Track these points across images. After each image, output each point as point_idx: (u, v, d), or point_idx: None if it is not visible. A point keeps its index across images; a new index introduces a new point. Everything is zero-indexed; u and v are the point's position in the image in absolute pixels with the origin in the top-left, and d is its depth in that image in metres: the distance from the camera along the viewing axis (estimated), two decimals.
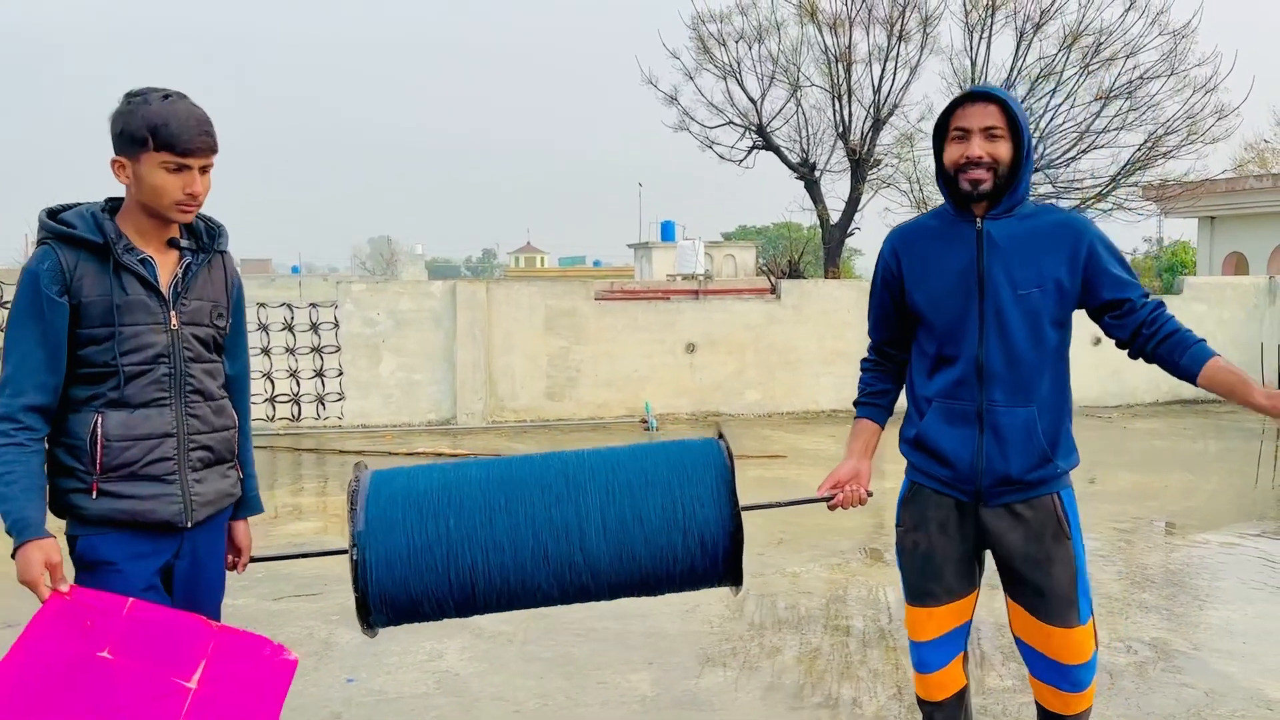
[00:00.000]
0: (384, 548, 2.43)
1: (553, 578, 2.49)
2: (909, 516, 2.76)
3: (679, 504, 2.51)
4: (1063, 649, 2.60)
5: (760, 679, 4.10)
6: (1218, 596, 5.20)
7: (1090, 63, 17.76)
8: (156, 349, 2.35)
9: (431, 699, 3.92)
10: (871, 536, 6.39)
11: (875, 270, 2.81)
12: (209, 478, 2.45)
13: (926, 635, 2.72)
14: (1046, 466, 2.57)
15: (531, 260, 75.36)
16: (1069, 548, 2.60)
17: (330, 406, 10.91)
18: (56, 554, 2.21)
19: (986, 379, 2.57)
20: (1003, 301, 2.55)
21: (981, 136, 2.52)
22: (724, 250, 34.14)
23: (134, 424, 2.32)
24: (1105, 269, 2.57)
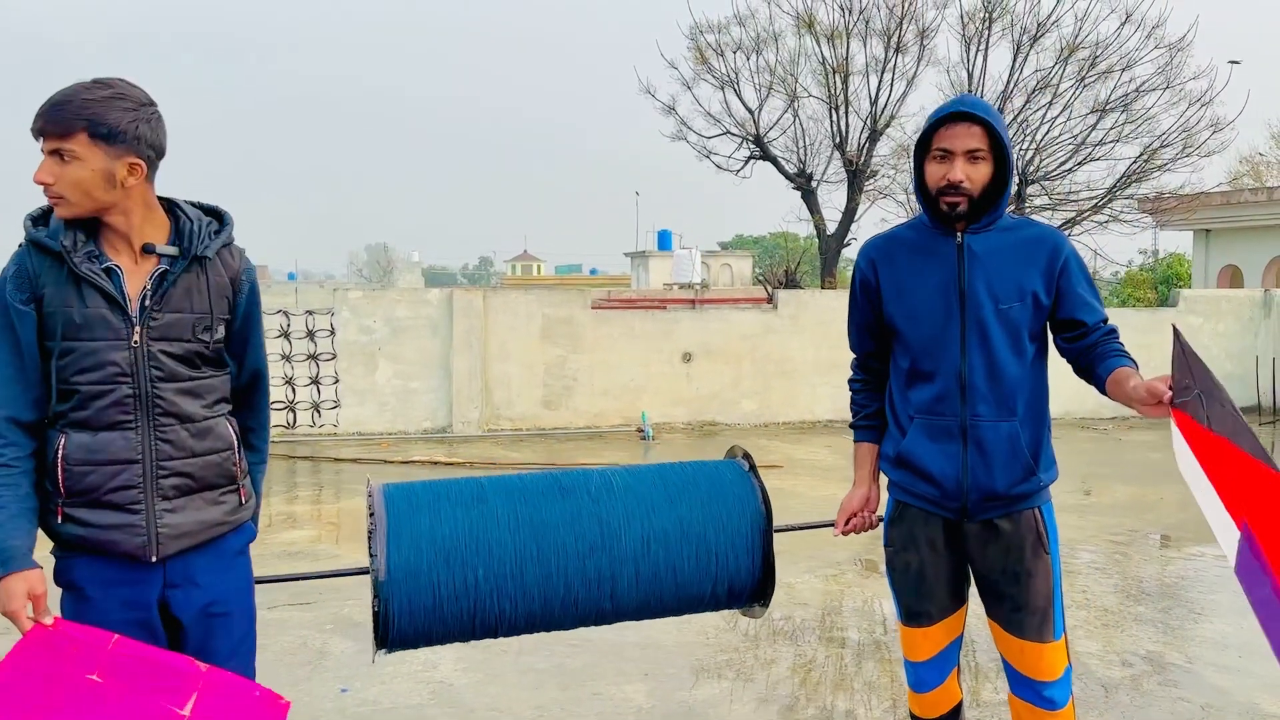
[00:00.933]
0: (408, 598, 2.33)
1: (576, 619, 2.47)
2: (898, 536, 2.70)
3: (714, 555, 2.48)
4: (1037, 665, 2.58)
5: (755, 690, 4.09)
6: (1213, 610, 5.20)
7: (1086, 75, 17.84)
8: (116, 368, 2.13)
9: (426, 710, 3.90)
10: (867, 548, 6.38)
11: (853, 282, 2.76)
12: (187, 507, 2.22)
13: (923, 655, 2.69)
14: (1030, 480, 2.54)
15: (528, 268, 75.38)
16: (1047, 562, 2.57)
17: (326, 414, 10.90)
18: (41, 585, 2.08)
19: (969, 394, 2.53)
20: (985, 315, 2.52)
21: (964, 159, 2.49)
22: (720, 259, 34.18)
23: (95, 448, 2.14)
24: (1074, 288, 2.56)
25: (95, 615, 2.15)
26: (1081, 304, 2.56)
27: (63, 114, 2.07)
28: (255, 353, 2.40)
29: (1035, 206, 19.05)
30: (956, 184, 2.48)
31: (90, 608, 2.16)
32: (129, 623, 2.17)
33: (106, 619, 2.15)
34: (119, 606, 2.17)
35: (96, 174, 2.10)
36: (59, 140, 2.07)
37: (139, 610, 2.19)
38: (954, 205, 2.50)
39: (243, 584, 2.36)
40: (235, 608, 2.32)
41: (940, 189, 2.50)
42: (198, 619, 2.25)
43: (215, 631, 2.27)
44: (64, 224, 2.14)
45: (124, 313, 2.14)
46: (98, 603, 2.17)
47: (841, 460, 9.69)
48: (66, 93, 2.09)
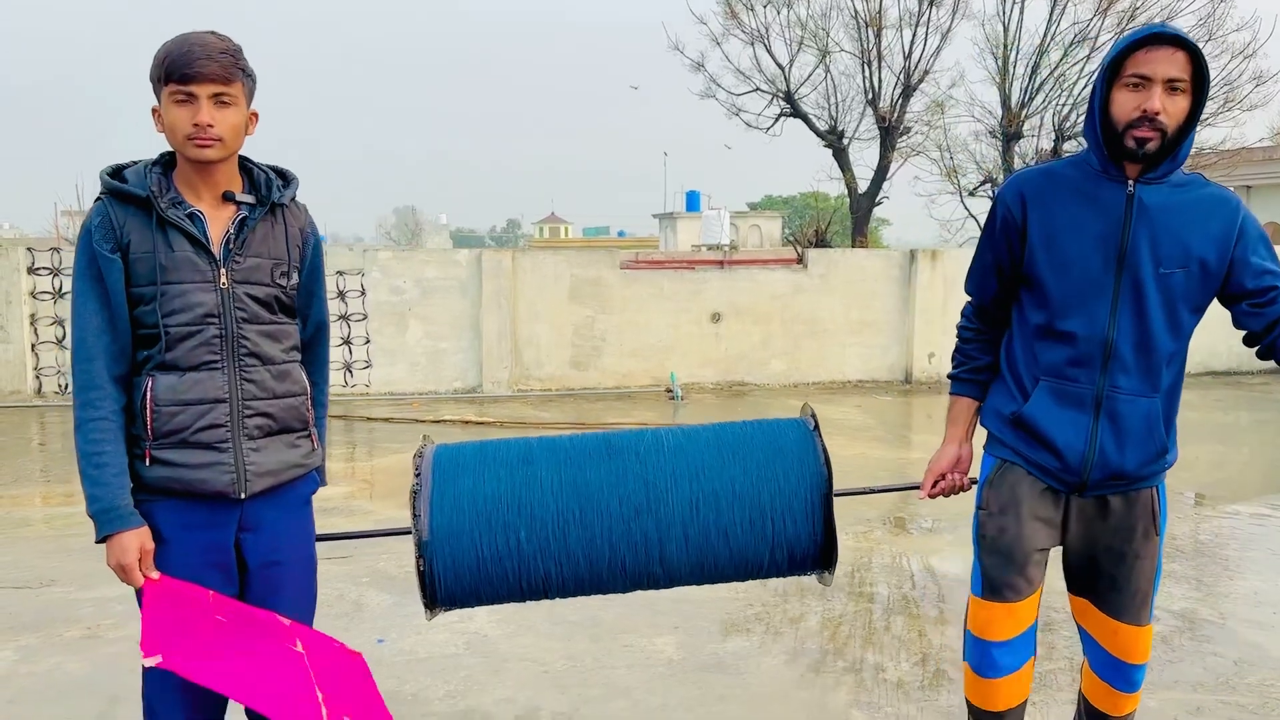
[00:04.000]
0: (451, 558, 2.34)
1: (628, 583, 2.41)
2: (995, 499, 2.47)
3: (768, 518, 2.36)
4: (1130, 647, 2.46)
5: (784, 644, 4.13)
6: (1247, 567, 5.17)
7: (1125, 28, 17.44)
8: (204, 308, 2.20)
9: (461, 659, 3.97)
10: (897, 506, 6.39)
11: (992, 217, 2.48)
12: (269, 447, 2.30)
13: (1003, 635, 2.45)
14: (1160, 460, 2.37)
15: (556, 231, 75.23)
16: (1155, 544, 2.43)
17: (358, 374, 11.00)
18: (150, 541, 2.18)
19: (1112, 362, 2.31)
20: (1143, 278, 2.29)
21: (1164, 89, 2.19)
22: (749, 220, 33.97)
23: (183, 388, 2.20)
24: (1251, 255, 2.32)
25: (176, 559, 2.22)
26: (1263, 270, 2.32)
27: (227, 61, 2.17)
28: (319, 305, 2.49)
29: None
30: (1154, 115, 2.19)
31: (170, 552, 2.22)
32: (208, 565, 2.24)
33: (187, 562, 2.22)
34: (199, 550, 2.24)
35: (243, 120, 2.22)
36: (223, 85, 2.16)
37: (218, 553, 2.26)
38: (1144, 141, 2.22)
39: (306, 533, 2.44)
40: (299, 555, 2.40)
41: (1131, 121, 2.22)
42: (265, 564, 2.32)
43: (280, 577, 2.35)
44: (144, 172, 2.20)
45: (210, 256, 2.21)
46: (177, 546, 2.22)
47: (871, 420, 9.69)
48: (216, 42, 2.17)
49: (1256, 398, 11.29)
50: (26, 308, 10.56)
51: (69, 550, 5.43)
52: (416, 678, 3.80)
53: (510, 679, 3.79)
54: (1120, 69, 2.23)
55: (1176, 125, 2.23)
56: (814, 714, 3.48)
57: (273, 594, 2.32)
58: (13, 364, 10.56)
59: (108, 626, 4.30)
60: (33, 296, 10.60)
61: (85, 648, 4.09)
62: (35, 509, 6.67)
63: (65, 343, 10.67)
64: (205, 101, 2.14)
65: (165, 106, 2.16)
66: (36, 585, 4.87)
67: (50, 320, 10.63)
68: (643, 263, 11.92)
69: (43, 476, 7.69)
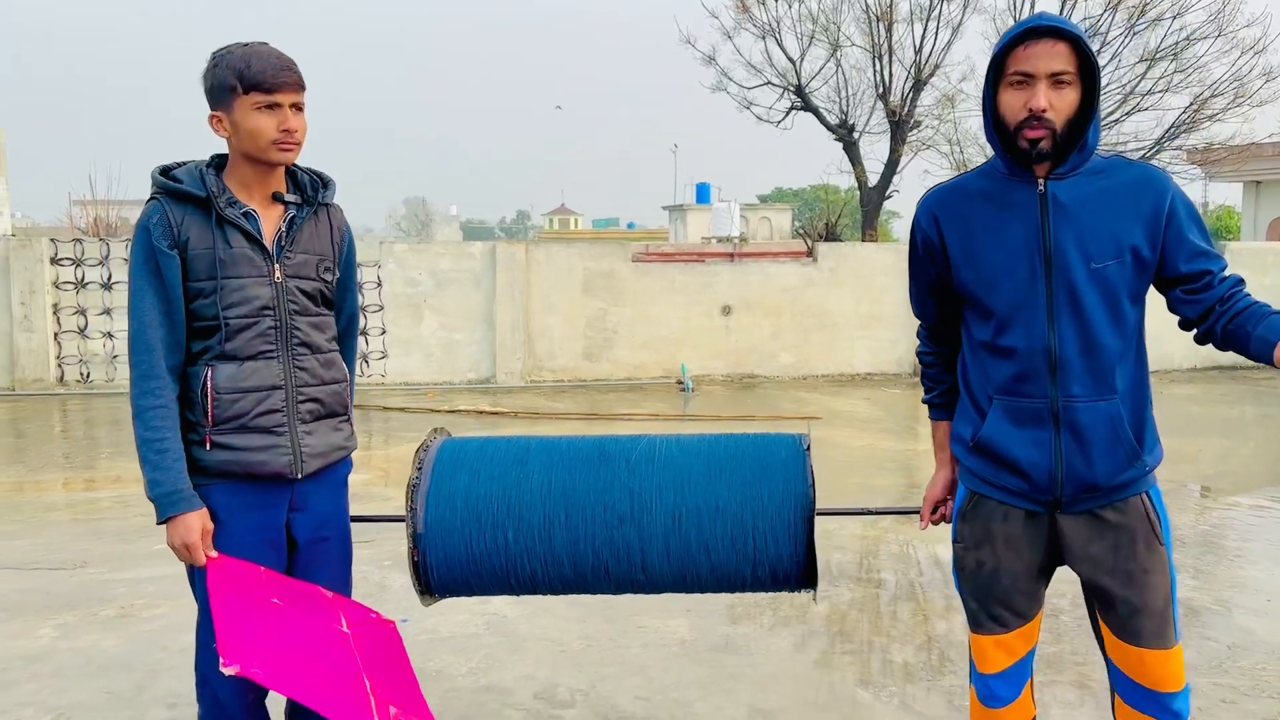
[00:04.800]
0: (443, 551, 2.45)
1: (612, 587, 2.48)
2: (969, 533, 2.33)
3: (750, 537, 2.37)
4: (1160, 675, 2.20)
5: (792, 628, 4.27)
6: (1246, 556, 5.30)
7: (1136, 23, 17.47)
8: (261, 301, 2.34)
9: (481, 638, 4.13)
10: (905, 495, 6.53)
11: (912, 241, 2.38)
12: (319, 430, 2.45)
13: (995, 666, 2.34)
14: (1135, 466, 2.18)
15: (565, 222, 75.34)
16: (1163, 555, 2.20)
17: (374, 364, 11.17)
18: (210, 521, 2.31)
19: (1061, 371, 2.16)
20: (1075, 279, 2.14)
21: (1048, 84, 2.07)
22: (759, 213, 33.93)
23: (242, 376, 2.33)
24: (1185, 236, 2.17)
25: (232, 538, 2.35)
26: (1197, 252, 2.17)
27: (299, 72, 2.35)
28: (352, 298, 2.65)
29: None
30: (1039, 113, 2.07)
31: (227, 532, 2.35)
32: (262, 543, 2.39)
33: (242, 540, 2.35)
34: (254, 529, 2.38)
35: (307, 125, 2.41)
36: (299, 94, 2.34)
37: (271, 531, 2.40)
38: (1035, 141, 2.10)
39: (344, 510, 2.59)
40: (340, 531, 2.57)
41: (1020, 121, 2.10)
42: (313, 540, 2.48)
43: (324, 551, 2.50)
44: (198, 172, 2.34)
45: (265, 251, 2.35)
46: (234, 527, 2.35)
47: (880, 412, 9.81)
48: (285, 56, 2.35)
49: (1262, 392, 11.38)
50: (49, 298, 10.75)
51: (98, 534, 5.60)
52: (440, 655, 3.95)
53: (529, 657, 3.94)
54: (1004, 67, 2.12)
55: (1067, 119, 2.10)
56: (822, 693, 3.63)
57: (319, 567, 2.48)
58: (36, 353, 10.75)
59: (140, 606, 4.46)
60: (55, 287, 10.78)
61: (120, 626, 4.26)
62: (59, 494, 6.85)
63: (87, 332, 10.86)
64: (288, 110, 2.31)
65: (245, 114, 2.28)
66: (71, 567, 5.04)
67: (72, 310, 10.81)
68: (654, 255, 12.05)
69: (66, 463, 7.88)
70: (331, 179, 2.55)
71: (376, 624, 2.49)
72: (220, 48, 2.36)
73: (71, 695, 3.57)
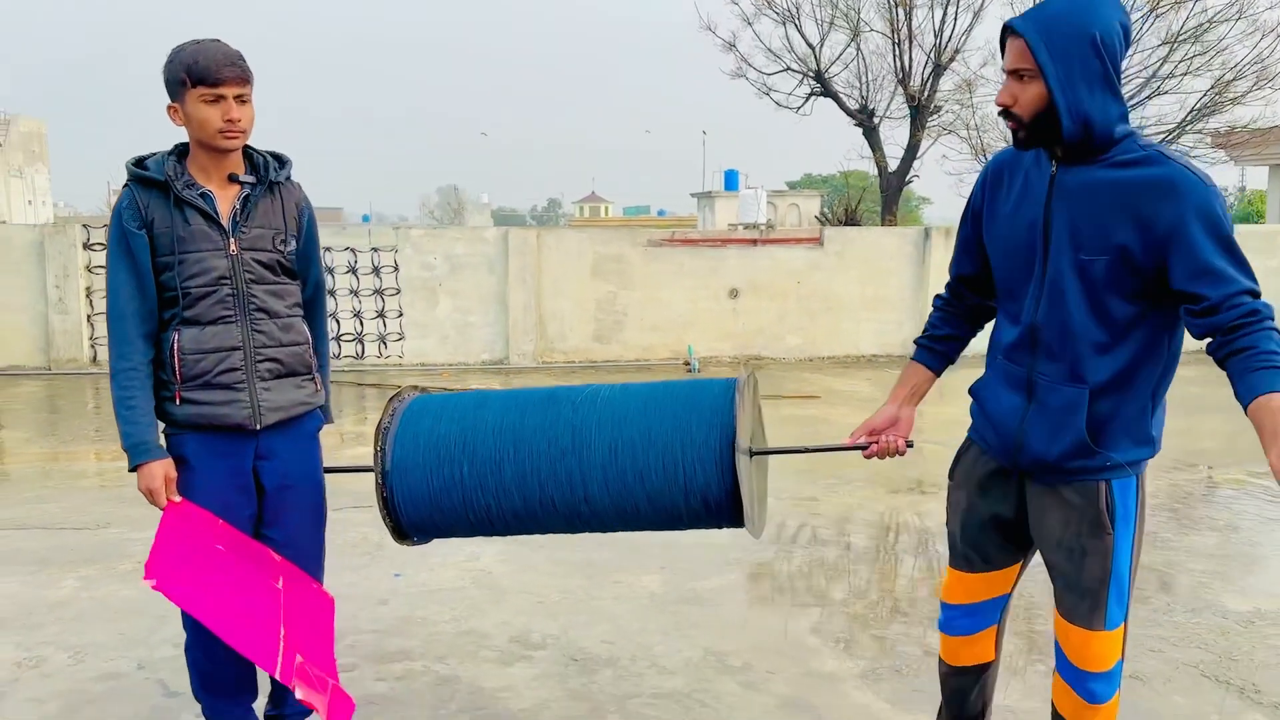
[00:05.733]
0: (407, 488, 2.62)
1: (562, 520, 2.63)
2: (958, 471, 2.54)
3: (680, 465, 2.50)
4: (1082, 652, 2.32)
5: (760, 584, 4.55)
6: (1207, 524, 5.49)
7: (1158, 6, 17.40)
8: (218, 272, 2.59)
9: (466, 591, 4.44)
10: (890, 467, 6.75)
11: (971, 196, 2.48)
12: (279, 387, 2.70)
13: (954, 599, 2.54)
14: (1091, 457, 2.21)
15: (596, 210, 75.56)
16: (1108, 543, 2.25)
17: (391, 346, 11.54)
18: (173, 469, 2.61)
19: (1039, 348, 2.26)
20: (1063, 265, 2.18)
21: (1012, 80, 2.16)
22: (788, 199, 33.93)
23: (204, 339, 2.60)
24: (1190, 252, 2.06)
25: (203, 482, 2.64)
26: (1200, 272, 2.05)
27: (243, 66, 2.56)
28: (316, 267, 2.89)
29: None
30: (1005, 107, 2.18)
31: (198, 476, 2.64)
32: (231, 488, 2.67)
33: (214, 485, 2.65)
34: (223, 474, 2.66)
35: (254, 113, 2.61)
36: (243, 86, 2.56)
37: (239, 476, 2.69)
38: (1014, 130, 2.21)
39: (314, 461, 2.88)
40: (307, 480, 2.84)
41: (999, 113, 2.22)
42: (278, 487, 2.75)
43: (290, 498, 2.79)
44: (163, 160, 2.62)
45: (220, 228, 2.61)
46: (205, 472, 2.65)
47: (879, 392, 9.98)
48: (231, 50, 2.56)
49: None
50: (83, 281, 11.22)
51: (121, 499, 5.98)
52: (426, 606, 4.27)
53: (509, 607, 4.25)
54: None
55: (1032, 111, 2.15)
56: (774, 637, 3.90)
57: (286, 512, 2.77)
58: (71, 333, 11.23)
59: None
60: (89, 270, 11.25)
61: (136, 578, 4.60)
62: (90, 463, 7.26)
63: None
64: (232, 101, 2.54)
65: (193, 105, 2.53)
66: (94, 527, 5.42)
67: (104, 293, 11.27)
68: (672, 241, 12.30)
69: (97, 436, 8.30)
70: (289, 159, 2.80)
71: (313, 592, 2.76)
72: (178, 44, 2.59)
73: (89, 636, 3.93)
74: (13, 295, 11.06)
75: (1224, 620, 4.06)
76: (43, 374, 11.20)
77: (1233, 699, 3.37)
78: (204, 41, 2.57)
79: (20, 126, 36.92)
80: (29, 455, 7.42)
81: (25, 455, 7.44)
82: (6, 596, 4.36)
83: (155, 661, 3.68)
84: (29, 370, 11.25)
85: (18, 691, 3.45)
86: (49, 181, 40.38)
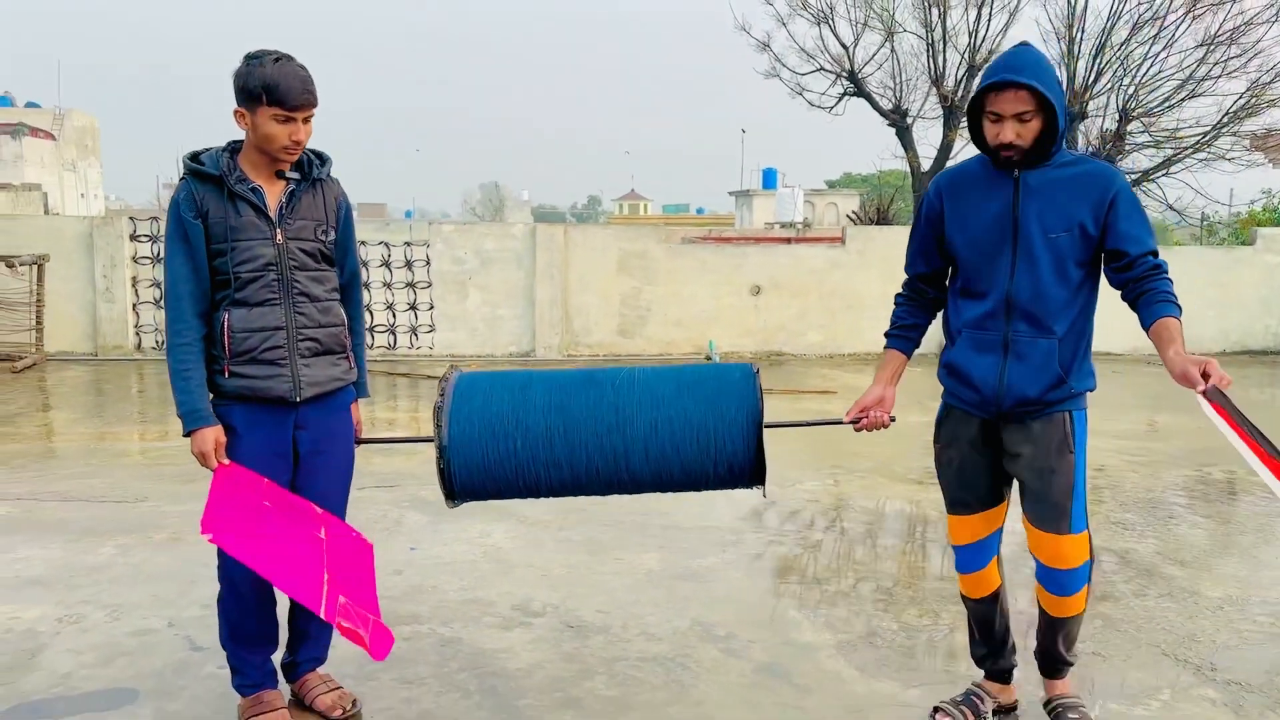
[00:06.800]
0: (464, 459, 2.90)
1: (603, 486, 3.00)
2: (943, 435, 3.07)
3: (712, 439, 2.87)
4: (1054, 553, 2.89)
5: (754, 564, 4.77)
6: (1199, 518, 5.62)
7: (1195, 8, 17.29)
8: (265, 259, 2.88)
9: (477, 564, 4.72)
10: (891, 460, 6.94)
11: (919, 208, 3.06)
12: (317, 364, 2.98)
13: (963, 540, 3.08)
14: (1061, 387, 2.83)
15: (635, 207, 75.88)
16: (1070, 461, 2.85)
17: (422, 337, 11.89)
18: (223, 435, 2.87)
19: (1013, 312, 2.83)
20: (1034, 243, 2.79)
21: (1013, 121, 2.73)
22: (826, 198, 33.95)
23: (252, 319, 2.88)
24: (1120, 222, 2.77)
25: (248, 448, 2.92)
26: (1127, 236, 2.76)
27: (315, 91, 2.86)
28: (353, 257, 3.17)
29: (1137, 144, 18.69)
30: (1009, 143, 2.76)
31: (243, 443, 2.92)
32: (272, 454, 2.95)
33: (256, 451, 2.94)
34: (265, 441, 2.94)
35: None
36: (311, 110, 2.86)
37: (280, 445, 2.98)
38: (1009, 159, 2.80)
39: (346, 431, 3.19)
40: (339, 447, 3.14)
41: (996, 146, 2.79)
42: (312, 452, 3.05)
43: (321, 464, 3.07)
44: (218, 156, 2.90)
45: (268, 219, 2.89)
46: (249, 439, 2.93)
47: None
48: (307, 75, 2.84)
49: None
50: (129, 271, 11.68)
51: (160, 476, 6.34)
52: (438, 576, 4.55)
53: (514, 579, 4.52)
54: (982, 105, 2.80)
55: (1032, 140, 2.77)
56: (756, 612, 4.14)
57: (316, 475, 3.07)
58: (116, 321, 11.70)
59: (188, 532, 5.13)
60: (134, 261, 11.71)
61: (170, 547, 4.95)
62: (133, 443, 7.65)
63: (162, 303, 11.77)
64: (300, 123, 2.85)
65: (264, 121, 2.81)
66: (133, 500, 5.77)
67: (149, 283, 11.73)
68: (709, 239, 12.51)
69: (140, 418, 8.71)
70: (329, 156, 3.10)
71: (353, 540, 3.04)
72: (254, 53, 2.85)
73: (124, 597, 4.25)
74: (63, 284, 11.55)
75: (1194, 605, 4.22)
76: (90, 360, 11.69)
77: (1188, 675, 3.55)
78: (283, 60, 2.83)
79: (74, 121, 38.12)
80: (76, 435, 7.83)
81: (72, 435, 7.85)
82: (50, 560, 4.71)
83: (184, 620, 3.99)
84: (77, 356, 11.75)
85: (59, 643, 3.77)
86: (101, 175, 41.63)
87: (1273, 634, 3.92)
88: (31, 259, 11.09)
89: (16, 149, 32.50)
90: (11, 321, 11.36)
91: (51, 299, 11.42)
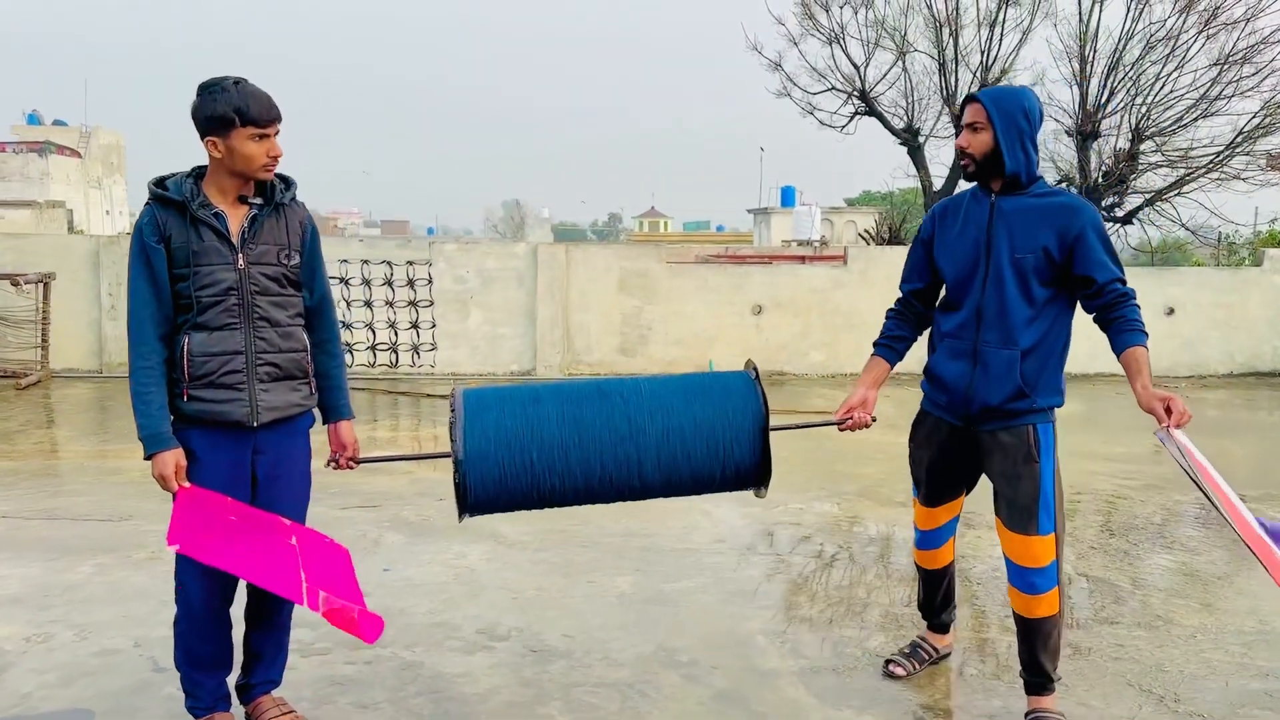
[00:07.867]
0: (480, 473, 2.94)
1: (614, 493, 3.06)
2: (919, 434, 3.47)
3: (720, 445, 3.01)
4: (1024, 553, 3.15)
5: (726, 588, 4.74)
6: (1183, 544, 5.54)
7: (1208, 28, 17.20)
8: (227, 283, 2.89)
9: (447, 586, 4.71)
10: (879, 481, 6.89)
11: (918, 233, 3.44)
12: (276, 389, 2.99)
13: (925, 525, 3.55)
14: (1022, 400, 3.11)
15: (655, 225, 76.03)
16: (1035, 469, 3.12)
17: (424, 355, 11.93)
18: (183, 458, 2.89)
19: (982, 323, 3.16)
20: (1002, 263, 3.13)
21: (967, 130, 3.18)
22: (845, 216, 33.91)
23: (211, 343, 2.89)
24: (1087, 251, 3.06)
25: (207, 471, 2.93)
26: (1094, 263, 3.06)
27: (278, 108, 2.90)
28: (321, 280, 3.16)
29: (1150, 164, 18.56)
30: (960, 149, 3.19)
31: (203, 467, 2.94)
32: (232, 478, 2.97)
33: (215, 473, 2.96)
34: (224, 465, 2.96)
35: None
36: (279, 124, 2.93)
37: (238, 468, 2.99)
38: (965, 166, 3.22)
39: (304, 455, 3.20)
40: (297, 471, 3.15)
41: (957, 153, 3.26)
42: (269, 477, 3.06)
43: (278, 487, 3.09)
44: (180, 182, 2.94)
45: (230, 244, 2.91)
46: (208, 463, 2.94)
47: (892, 409, 10.03)
48: (267, 94, 2.89)
49: None
50: None
51: (147, 495, 6.37)
52: (408, 598, 4.54)
53: (484, 602, 4.50)
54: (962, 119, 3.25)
55: (982, 152, 3.16)
56: (724, 637, 4.10)
57: (275, 498, 3.08)
58: (121, 339, 11.80)
59: (167, 551, 5.15)
60: None
61: (148, 566, 4.97)
62: (126, 461, 7.70)
63: None
64: (274, 138, 2.90)
65: (240, 142, 2.85)
66: (116, 519, 5.81)
67: None
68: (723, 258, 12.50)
69: None
70: (294, 181, 3.13)
71: (327, 545, 3.03)
72: (208, 82, 2.88)
73: (95, 616, 4.27)
74: (70, 302, 11.68)
75: (1166, 634, 4.16)
76: (94, 377, 11.80)
77: (1150, 706, 3.49)
78: (242, 82, 2.88)
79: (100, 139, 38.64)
80: (72, 452, 7.90)
81: (68, 452, 7.92)
82: (27, 579, 4.74)
83: (151, 640, 4.00)
84: (82, 373, 11.86)
85: (23, 663, 3.79)
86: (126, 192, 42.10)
87: (1242, 664, 3.86)
88: (37, 277, 11.23)
89: (43, 166, 32.95)
90: (18, 339, 11.50)
91: (58, 316, 11.54)
